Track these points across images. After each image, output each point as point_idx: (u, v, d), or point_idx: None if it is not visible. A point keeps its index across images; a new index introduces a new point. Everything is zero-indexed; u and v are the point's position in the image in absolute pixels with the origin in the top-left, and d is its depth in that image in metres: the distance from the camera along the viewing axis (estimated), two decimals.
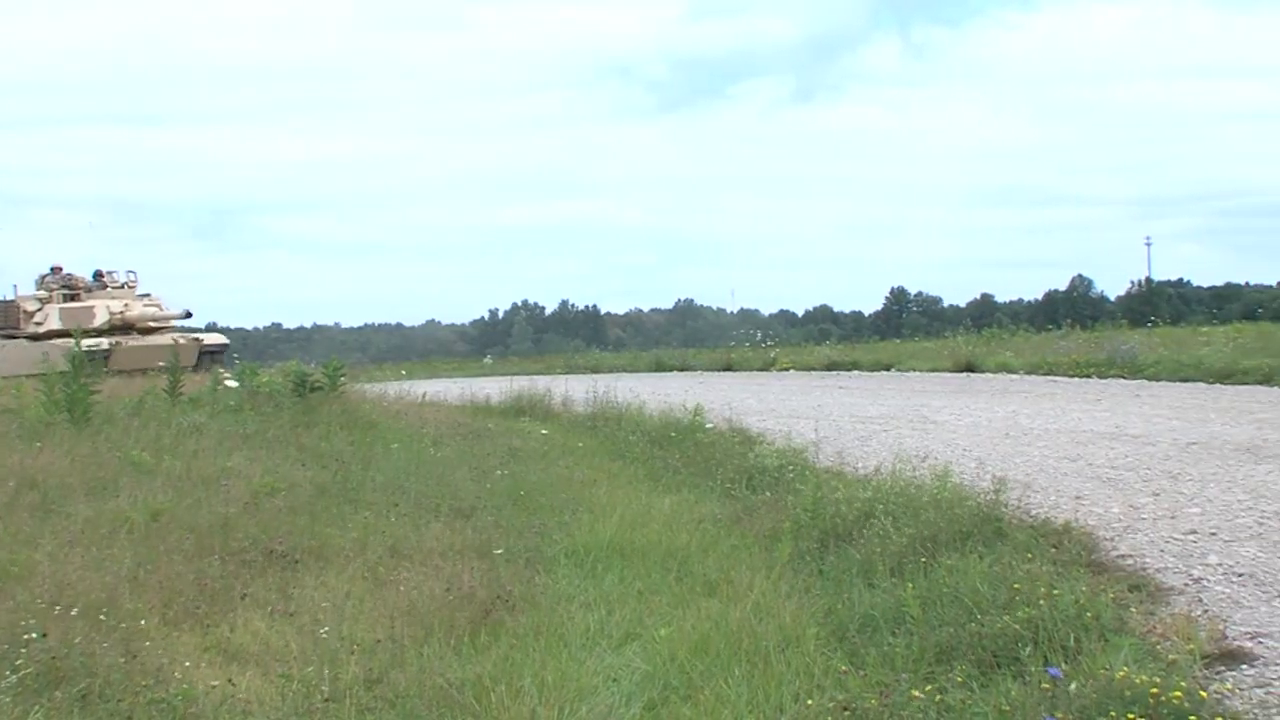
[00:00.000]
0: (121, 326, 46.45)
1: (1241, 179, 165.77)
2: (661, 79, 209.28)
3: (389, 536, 11.36)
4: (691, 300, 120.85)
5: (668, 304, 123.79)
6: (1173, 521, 11.10)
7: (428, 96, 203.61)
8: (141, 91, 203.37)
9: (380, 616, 8.94)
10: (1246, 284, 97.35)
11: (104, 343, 42.95)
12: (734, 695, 7.11)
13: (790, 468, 14.57)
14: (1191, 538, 10.42)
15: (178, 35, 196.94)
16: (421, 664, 7.88)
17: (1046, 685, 6.57)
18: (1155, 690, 6.22)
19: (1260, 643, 7.62)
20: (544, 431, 21.24)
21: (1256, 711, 6.45)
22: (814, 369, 35.65)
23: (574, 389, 26.86)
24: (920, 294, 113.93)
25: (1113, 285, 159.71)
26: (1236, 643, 7.62)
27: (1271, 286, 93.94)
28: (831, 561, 10.15)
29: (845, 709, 6.73)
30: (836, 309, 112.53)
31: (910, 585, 8.63)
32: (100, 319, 46.01)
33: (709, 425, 19.54)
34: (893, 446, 15.65)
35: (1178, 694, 6.20)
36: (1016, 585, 8.25)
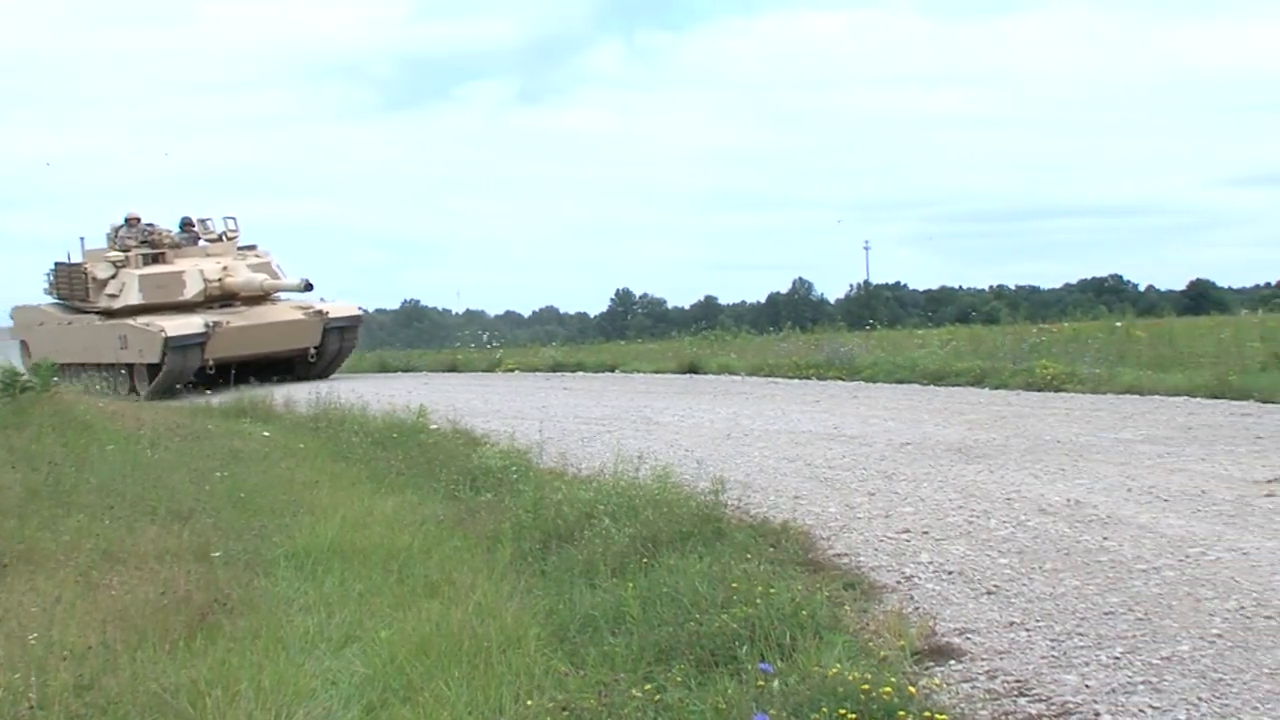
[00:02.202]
0: (221, 297, 34.90)
1: (955, 185, 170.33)
2: (388, 78, 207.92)
3: (102, 540, 11.08)
4: (418, 301, 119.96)
5: (394, 305, 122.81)
6: (887, 520, 11.35)
7: (148, 92, 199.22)
8: None
9: (92, 622, 8.71)
10: (960, 288, 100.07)
11: (199, 323, 32.94)
12: (454, 696, 7.08)
13: (514, 469, 14.57)
14: (904, 536, 10.67)
15: None
16: (134, 669, 7.69)
17: (762, 683, 6.67)
18: (866, 687, 6.36)
19: (968, 639, 7.83)
20: (265, 433, 20.91)
21: (963, 706, 6.63)
22: (539, 370, 35.63)
23: (296, 390, 26.53)
24: (645, 295, 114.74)
25: (833, 288, 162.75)
26: (946, 639, 7.83)
27: (984, 290, 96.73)
28: (554, 562, 10.18)
29: (564, 709, 6.75)
30: (563, 310, 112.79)
31: (631, 585, 8.70)
32: (192, 288, 34.65)
33: (433, 426, 19.44)
34: (615, 447, 15.73)
35: (888, 690, 6.35)
36: (735, 584, 8.37)
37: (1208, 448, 14.07)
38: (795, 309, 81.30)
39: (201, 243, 36.33)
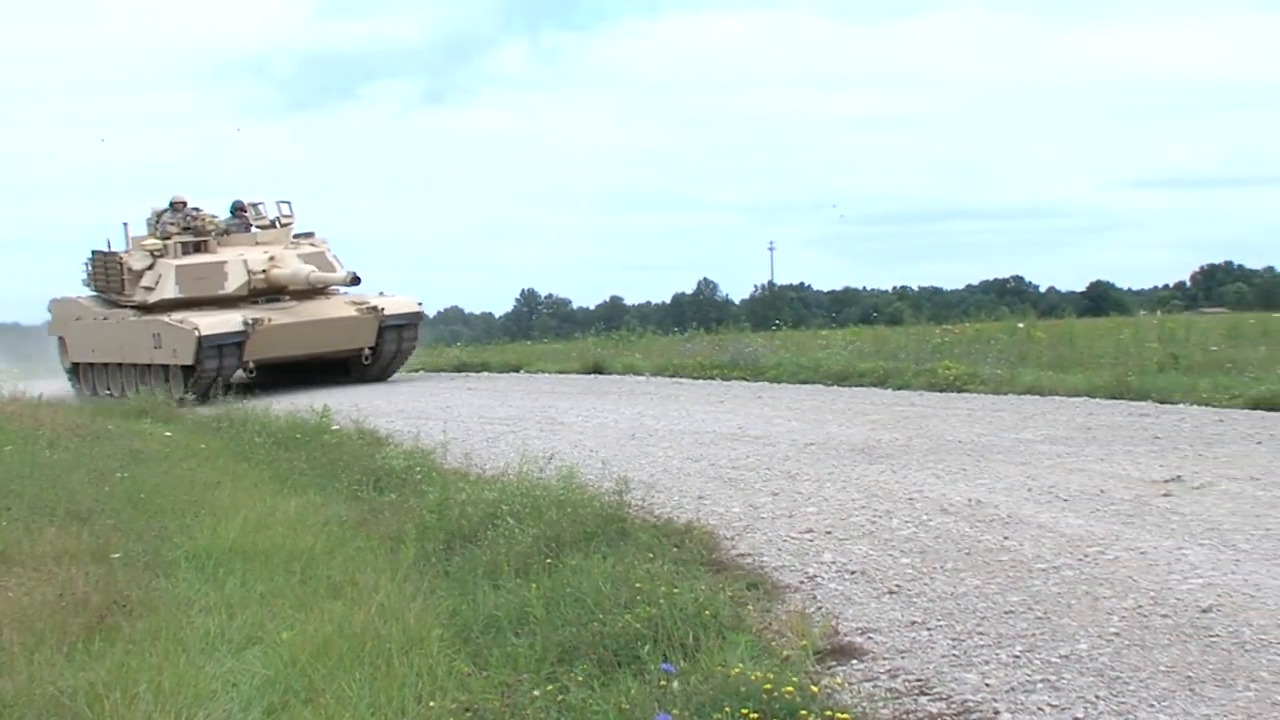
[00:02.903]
0: (266, 290, 31.26)
1: (857, 187, 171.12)
2: (292, 77, 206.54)
3: None
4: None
5: None
6: (790, 520, 11.40)
7: (52, 90, 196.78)
8: None
9: None
10: (864, 288, 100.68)
11: (237, 320, 29.58)
12: (355, 698, 7.05)
13: (418, 469, 14.53)
14: (808, 536, 10.72)
15: None
16: (31, 672, 7.61)
17: (664, 683, 6.69)
18: (769, 686, 6.38)
19: (870, 638, 7.88)
20: (167, 433, 20.75)
21: (864, 705, 6.67)
22: (444, 370, 35.56)
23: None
24: (551, 296, 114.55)
25: (738, 289, 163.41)
26: (848, 638, 7.88)
27: (887, 291, 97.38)
28: (457, 563, 10.15)
29: (467, 710, 6.75)
30: (468, 310, 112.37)
31: (535, 585, 8.69)
32: (234, 281, 31.05)
33: (336, 427, 19.36)
34: (520, 448, 15.71)
35: (790, 689, 6.38)
36: (638, 584, 8.38)
37: (1106, 448, 14.22)
38: (700, 309, 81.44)
39: (254, 230, 32.94)
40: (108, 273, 32.97)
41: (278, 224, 33.08)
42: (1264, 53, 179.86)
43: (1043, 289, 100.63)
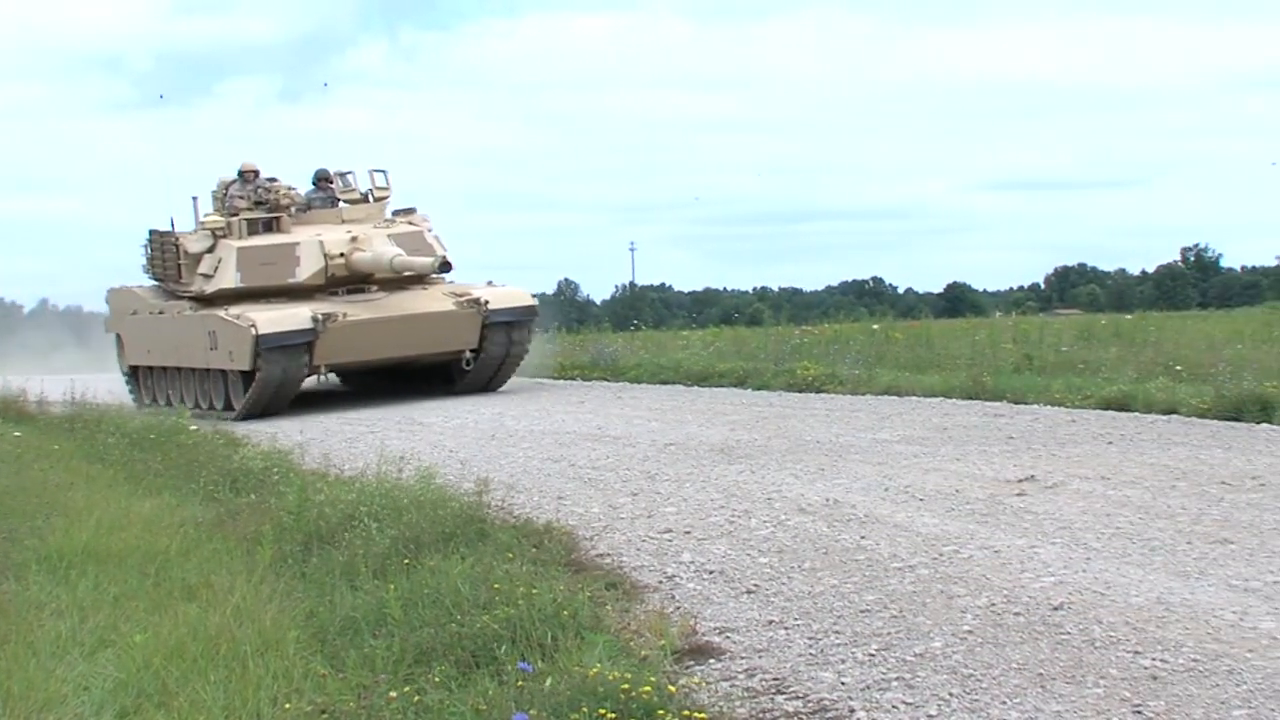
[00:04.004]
0: (347, 278, 25.68)
1: (718, 187, 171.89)
2: (148, 73, 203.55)
3: None
4: None
5: None
6: (649, 520, 11.43)
7: None
8: None
9: None
10: (725, 289, 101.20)
11: (304, 316, 24.09)
12: (210, 700, 6.97)
13: (275, 470, 14.43)
14: (667, 536, 10.75)
15: None
16: None
17: (522, 683, 6.68)
18: (626, 686, 6.39)
19: (728, 637, 7.92)
20: (17, 434, 20.40)
21: (721, 704, 6.70)
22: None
23: (51, 389, 25.89)
24: None
25: (599, 289, 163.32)
26: (706, 638, 7.91)
27: (747, 292, 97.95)
28: (315, 564, 10.08)
29: (323, 712, 6.70)
30: None
31: (392, 587, 8.64)
32: (307, 266, 25.43)
33: (192, 427, 19.16)
34: (379, 448, 15.62)
35: (648, 689, 6.39)
36: (497, 585, 8.37)
37: (962, 448, 14.39)
38: (561, 310, 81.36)
39: (341, 205, 27.30)
40: (164, 257, 27.66)
41: (370, 197, 27.37)
42: (1113, 56, 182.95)
43: (901, 290, 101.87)
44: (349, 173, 27.66)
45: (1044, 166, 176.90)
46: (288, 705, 6.83)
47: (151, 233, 28.13)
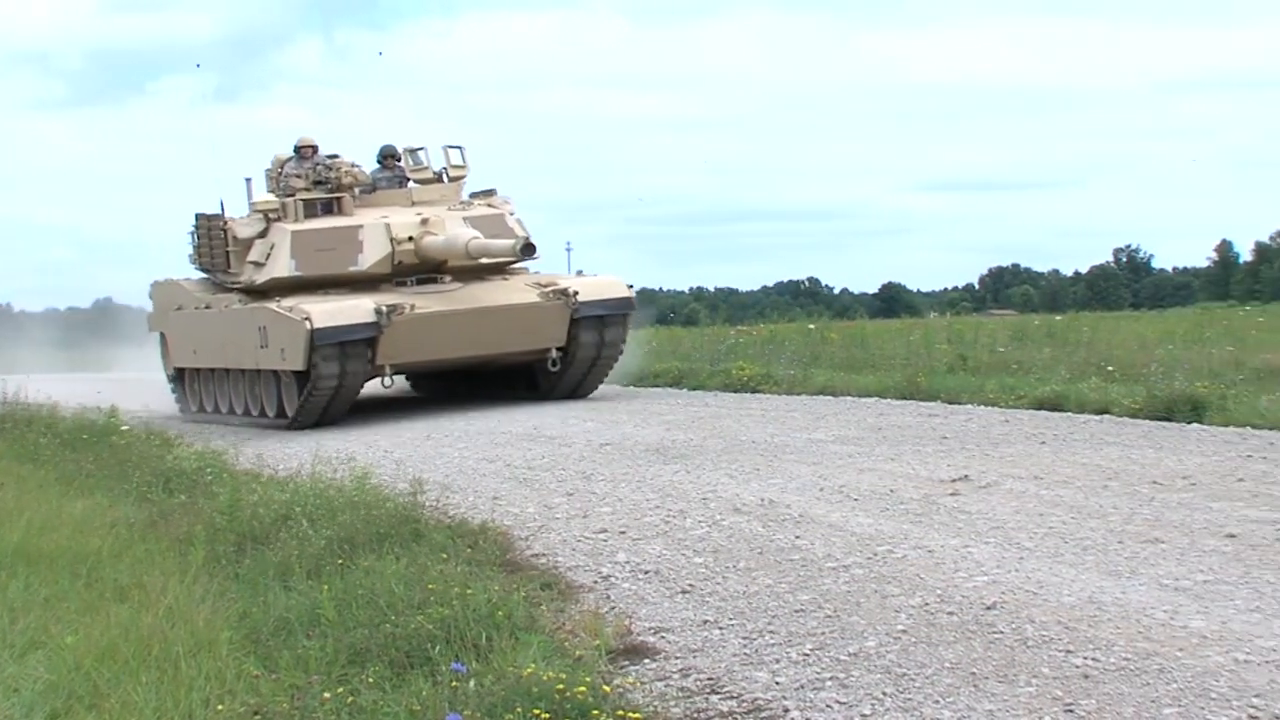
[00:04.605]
0: (417, 266, 22.52)
1: (655, 187, 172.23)
2: (79, 71, 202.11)
3: None
4: (111, 299, 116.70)
5: (85, 303, 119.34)
6: (585, 520, 11.43)
7: None
8: None
9: None
10: (660, 289, 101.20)
11: (366, 308, 20.97)
12: (142, 702, 6.92)
13: (209, 470, 14.34)
14: (602, 536, 10.75)
15: None
16: None
17: (456, 684, 6.67)
18: (561, 686, 6.38)
19: (662, 637, 7.92)
20: None
21: (656, 703, 6.70)
22: None
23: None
24: None
25: None
26: (641, 638, 7.91)
27: (683, 292, 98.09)
28: (248, 565, 10.02)
29: (256, 713, 6.66)
30: None
31: (327, 587, 8.61)
32: (371, 253, 22.31)
33: (125, 427, 19.02)
34: (313, 448, 15.57)
35: (582, 689, 6.39)
36: (431, 585, 8.35)
37: (896, 448, 14.45)
38: None
39: (411, 185, 24.22)
40: (211, 244, 24.62)
41: (444, 176, 24.24)
42: (1048, 58, 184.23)
43: (837, 290, 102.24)
44: (420, 149, 24.49)
45: (978, 168, 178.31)
46: (220, 707, 6.79)
47: (198, 217, 25.07)
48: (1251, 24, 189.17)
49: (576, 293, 22.01)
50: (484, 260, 22.16)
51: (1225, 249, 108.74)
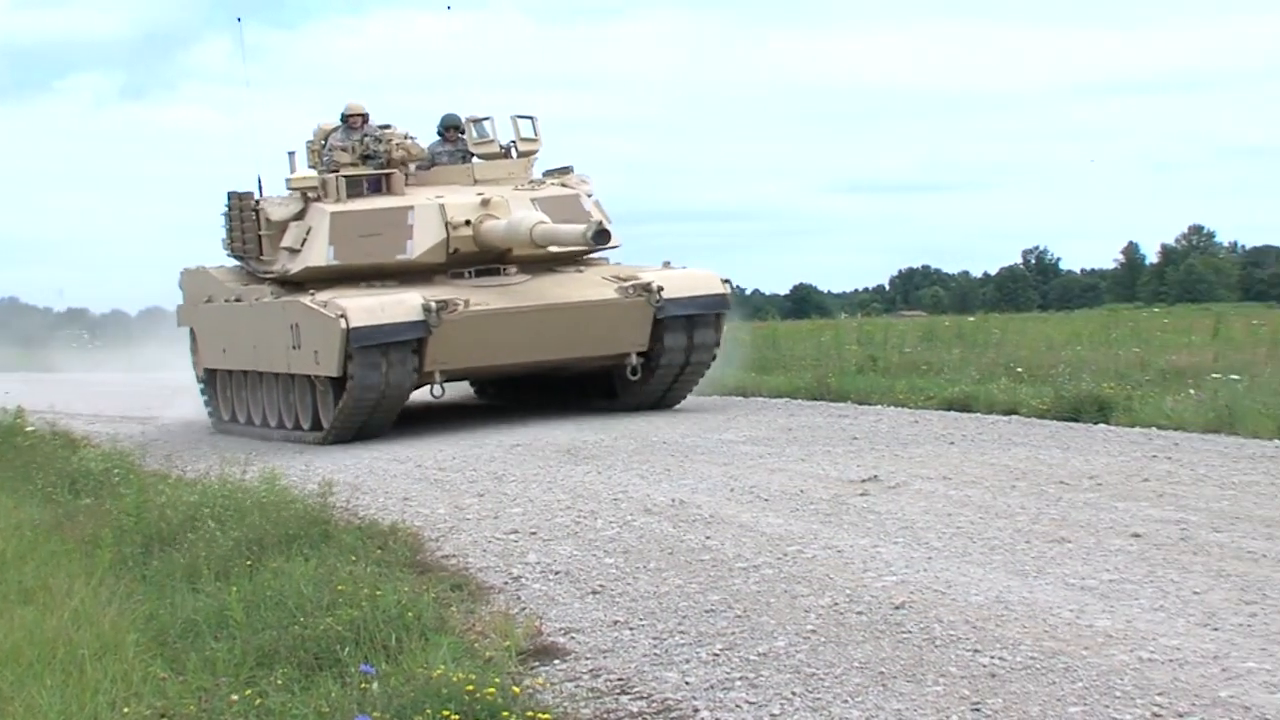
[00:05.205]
0: (477, 255, 19.35)
1: None
2: None
3: None
4: (16, 299, 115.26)
5: None
6: (496, 521, 11.41)
7: None
8: None
9: None
10: None
11: (413, 303, 17.90)
12: (46, 705, 6.84)
13: (116, 471, 14.20)
14: (513, 537, 10.74)
15: None
16: None
17: (365, 685, 6.64)
18: (471, 687, 6.37)
19: (573, 638, 7.92)
20: None
21: (566, 704, 6.70)
22: (146, 370, 34.82)
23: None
24: None
25: None
26: (551, 638, 7.91)
27: None
28: (156, 566, 9.95)
29: (163, 716, 6.62)
30: (170, 309, 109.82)
31: (235, 589, 8.56)
32: (423, 239, 19.23)
33: (30, 428, 18.81)
34: (223, 449, 15.47)
35: (492, 690, 6.38)
36: (341, 587, 8.33)
37: (807, 448, 14.51)
38: None
39: (474, 161, 20.92)
40: (243, 226, 21.58)
41: (513, 151, 21.01)
42: (959, 62, 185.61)
43: (748, 291, 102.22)
44: (485, 119, 21.03)
45: (889, 170, 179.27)
46: (126, 709, 6.73)
47: (229, 195, 21.96)
48: (1157, 27, 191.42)
49: (661, 288, 18.84)
50: (553, 249, 19.21)
51: (1132, 251, 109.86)
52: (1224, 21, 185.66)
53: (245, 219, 21.33)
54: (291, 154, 21.22)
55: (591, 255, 20.04)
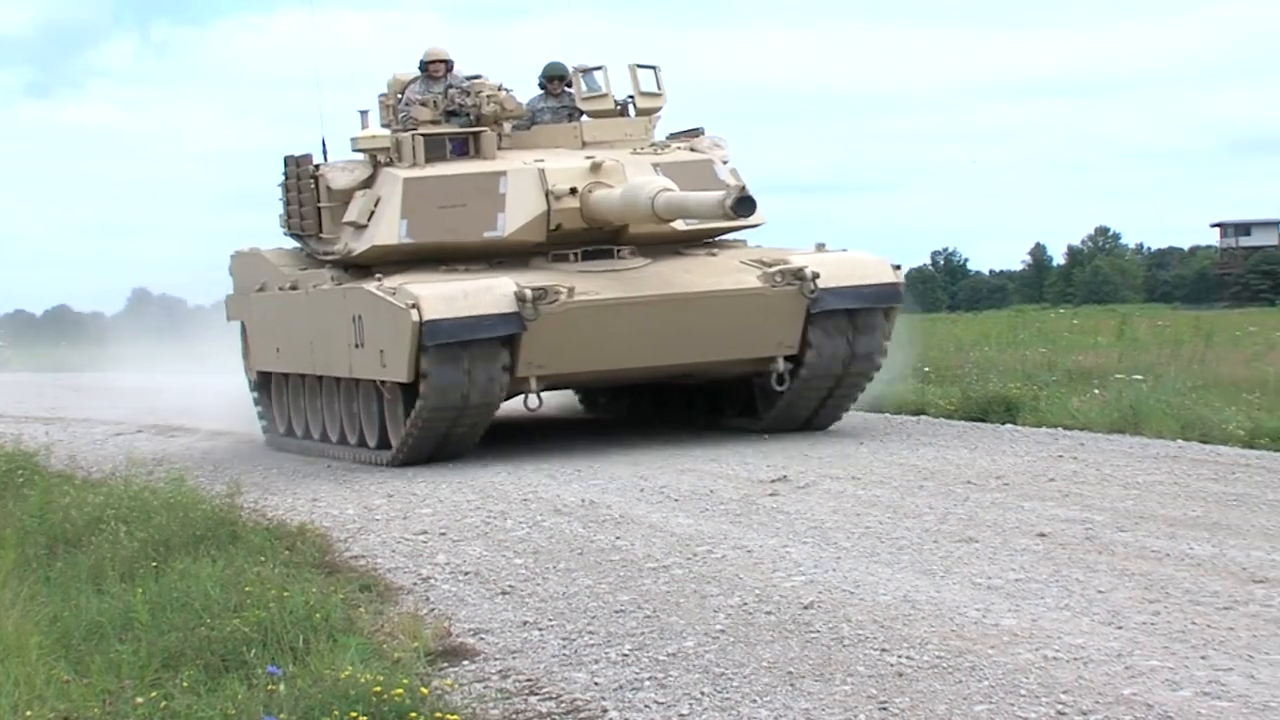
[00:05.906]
0: (581, 234, 15.84)
1: None
2: None
3: None
4: None
5: None
6: (405, 522, 11.38)
7: None
8: None
9: None
10: None
11: (503, 291, 14.39)
12: None
13: (20, 472, 14.04)
14: (422, 538, 10.71)
15: None
16: None
17: (272, 687, 6.59)
18: (379, 689, 6.34)
19: (482, 638, 7.91)
20: None
21: (474, 705, 6.68)
22: (50, 370, 34.53)
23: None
24: (164, 295, 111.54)
25: None
26: (460, 639, 7.89)
27: None
28: (60, 568, 9.83)
29: (67, 718, 6.54)
30: (77, 309, 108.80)
31: (140, 590, 8.48)
32: (518, 213, 15.69)
33: None
34: (128, 450, 15.34)
35: (400, 691, 6.35)
36: (248, 588, 8.26)
37: (716, 448, 14.53)
38: None
39: (584, 120, 17.34)
40: (300, 197, 17.77)
41: (630, 108, 17.34)
42: (867, 63, 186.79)
43: None
44: (597, 68, 17.25)
45: (798, 171, 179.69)
46: (29, 713, 6.65)
47: (287, 161, 18.30)
48: (1063, 30, 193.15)
49: (816, 275, 15.09)
50: (680, 225, 15.85)
51: (1039, 252, 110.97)
52: (1128, 26, 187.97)
53: (303, 189, 17.57)
54: (364, 112, 17.27)
55: (727, 233, 16.90)
